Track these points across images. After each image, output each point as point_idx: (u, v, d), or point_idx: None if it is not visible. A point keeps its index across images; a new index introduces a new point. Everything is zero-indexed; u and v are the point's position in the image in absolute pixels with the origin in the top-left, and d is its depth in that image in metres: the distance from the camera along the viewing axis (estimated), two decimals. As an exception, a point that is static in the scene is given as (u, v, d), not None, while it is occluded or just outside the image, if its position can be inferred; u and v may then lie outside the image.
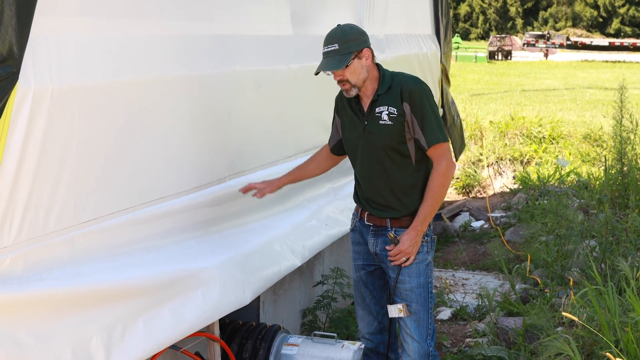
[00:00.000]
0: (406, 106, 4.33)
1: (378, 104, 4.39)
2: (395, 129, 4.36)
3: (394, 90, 4.38)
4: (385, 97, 4.39)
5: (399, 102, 4.34)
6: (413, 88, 4.35)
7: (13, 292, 3.21)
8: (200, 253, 4.47)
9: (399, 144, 4.39)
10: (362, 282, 4.72)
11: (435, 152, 4.38)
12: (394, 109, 4.35)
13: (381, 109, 4.38)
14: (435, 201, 4.42)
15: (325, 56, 4.33)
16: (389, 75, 4.45)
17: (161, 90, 4.20)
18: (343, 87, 4.37)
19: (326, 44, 4.34)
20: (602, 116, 15.61)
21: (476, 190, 12.55)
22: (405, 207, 4.47)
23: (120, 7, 3.90)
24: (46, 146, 3.34)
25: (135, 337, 3.79)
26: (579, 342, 5.17)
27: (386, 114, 4.36)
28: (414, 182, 4.45)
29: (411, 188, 4.45)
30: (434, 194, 4.40)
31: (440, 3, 9.49)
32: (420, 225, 4.41)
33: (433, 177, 4.40)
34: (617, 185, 8.86)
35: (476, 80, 29.15)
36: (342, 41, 4.31)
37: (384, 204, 4.49)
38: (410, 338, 4.53)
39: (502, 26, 77.22)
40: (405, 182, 4.44)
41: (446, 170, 4.39)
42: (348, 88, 4.35)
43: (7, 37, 3.02)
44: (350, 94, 4.37)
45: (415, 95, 4.34)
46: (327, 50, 4.33)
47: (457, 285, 7.87)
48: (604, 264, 6.75)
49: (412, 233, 4.42)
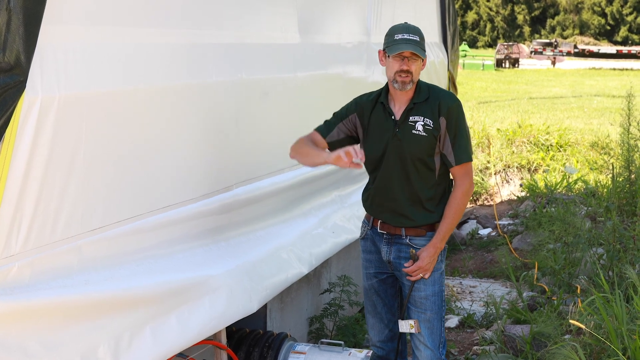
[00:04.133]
0: (443, 121, 4.34)
1: (413, 112, 4.39)
2: (428, 141, 4.36)
3: (431, 103, 4.38)
4: (421, 107, 4.39)
5: (436, 116, 4.35)
6: (452, 104, 4.38)
7: (20, 301, 3.21)
8: (208, 261, 4.48)
9: (427, 156, 4.39)
10: (373, 290, 4.71)
11: (461, 170, 4.40)
12: (430, 121, 4.35)
13: (416, 118, 4.37)
14: (455, 219, 4.44)
15: (406, 42, 4.31)
16: (425, 86, 4.47)
17: (168, 99, 4.21)
18: (403, 79, 4.31)
19: (407, 32, 4.35)
20: (610, 124, 15.58)
21: (483, 198, 12.54)
22: (421, 218, 4.46)
23: (128, 16, 3.91)
24: (53, 154, 3.35)
25: (142, 345, 3.79)
26: (586, 350, 5.16)
27: (421, 125, 4.35)
28: (433, 195, 4.45)
29: (430, 200, 4.45)
30: (455, 212, 4.42)
31: (447, 11, 9.51)
32: (439, 242, 4.42)
33: (456, 195, 4.41)
34: (625, 192, 8.84)
35: (483, 88, 29.15)
36: (422, 37, 4.38)
37: (400, 213, 4.48)
38: (423, 346, 4.52)
39: (510, 34, 77.22)
40: (425, 194, 4.44)
41: (469, 189, 4.42)
42: (408, 81, 4.32)
43: (14, 45, 3.03)
44: (406, 87, 4.33)
45: (453, 111, 4.36)
46: (409, 37, 4.32)
47: (464, 293, 7.86)
48: (611, 272, 6.74)
49: (431, 250, 4.42)
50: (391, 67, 4.34)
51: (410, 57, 4.31)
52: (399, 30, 4.37)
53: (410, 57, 4.31)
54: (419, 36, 4.36)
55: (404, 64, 4.30)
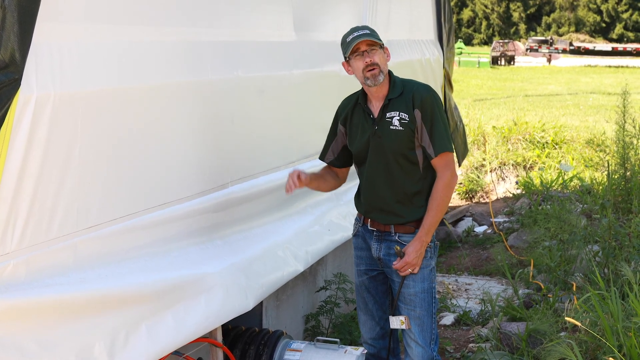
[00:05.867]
0: (417, 113, 4.35)
1: (389, 108, 4.40)
2: (406, 135, 4.37)
3: (405, 96, 4.39)
4: (396, 102, 4.40)
5: (410, 109, 4.36)
6: (425, 96, 4.38)
7: (16, 299, 3.21)
8: (203, 259, 4.47)
9: (408, 150, 4.40)
10: (364, 287, 4.72)
11: (441, 161, 4.39)
12: (405, 115, 4.36)
13: (392, 114, 4.39)
14: (439, 212, 4.43)
15: (357, 37, 4.33)
16: (400, 81, 4.47)
17: (164, 96, 4.21)
18: (372, 72, 4.33)
19: (355, 30, 4.38)
20: (605, 121, 15.60)
21: (479, 196, 12.55)
22: (409, 214, 4.47)
23: (123, 13, 3.91)
24: (49, 152, 3.35)
25: (138, 343, 3.79)
26: (582, 347, 5.17)
27: (397, 120, 4.37)
28: (419, 189, 4.46)
29: (416, 195, 4.46)
30: (438, 204, 4.41)
31: (443, 8, 9.51)
32: (425, 236, 4.42)
33: (437, 188, 4.41)
34: (620, 190, 8.86)
35: (479, 86, 29.18)
36: (371, 30, 4.40)
37: (388, 210, 4.50)
38: (414, 343, 4.53)
39: (505, 31, 77.23)
40: (411, 189, 4.44)
41: (450, 180, 4.41)
42: (377, 73, 4.34)
43: (9, 43, 3.02)
44: (378, 79, 4.34)
45: (427, 103, 4.36)
46: (359, 33, 4.35)
47: (460, 291, 7.87)
48: (607, 269, 6.74)
49: (416, 244, 4.42)
50: (357, 68, 4.38)
51: (369, 49, 4.33)
52: (347, 33, 4.41)
53: (369, 50, 4.33)
54: (368, 29, 4.39)
55: (366, 57, 4.33)
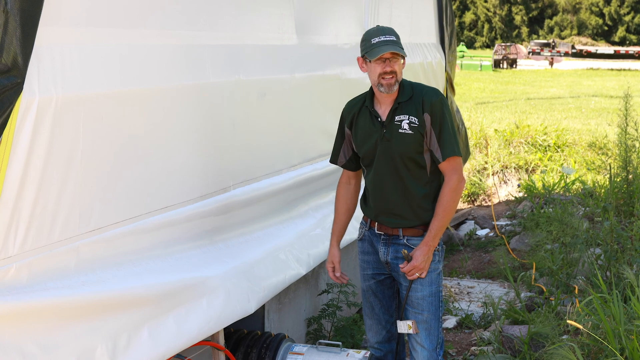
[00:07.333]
0: (427, 117, 4.34)
1: (399, 112, 4.40)
2: (415, 138, 4.36)
3: (415, 100, 4.38)
4: (405, 106, 4.39)
5: (420, 113, 4.36)
6: (435, 100, 4.37)
7: (18, 302, 3.21)
8: (205, 262, 4.48)
9: (417, 154, 4.39)
10: (371, 291, 4.71)
11: (449, 165, 4.39)
12: (415, 119, 4.36)
13: (402, 117, 4.38)
14: (446, 216, 4.42)
15: (384, 43, 4.31)
16: (409, 85, 4.47)
17: (165, 100, 4.21)
18: (388, 81, 4.32)
19: (382, 34, 4.35)
20: (607, 124, 15.61)
21: (481, 199, 12.55)
22: (417, 217, 4.47)
23: (125, 17, 3.92)
24: (51, 156, 3.35)
25: (140, 346, 3.79)
26: (584, 350, 5.17)
27: (407, 123, 4.36)
28: (427, 192, 4.45)
29: (424, 198, 4.45)
30: (445, 208, 4.41)
31: (445, 12, 9.51)
32: (432, 240, 4.42)
33: (444, 192, 4.41)
34: (622, 193, 8.85)
35: (481, 89, 29.18)
36: (397, 37, 4.38)
37: (396, 213, 4.49)
38: (420, 347, 4.52)
39: (508, 34, 77.28)
40: (419, 192, 4.44)
41: (457, 185, 4.41)
42: (393, 82, 4.33)
43: (11, 47, 3.03)
44: (392, 89, 4.34)
45: (437, 107, 4.36)
46: (386, 39, 4.31)
47: (462, 294, 7.87)
48: (609, 272, 6.74)
49: (424, 249, 4.42)
50: (374, 71, 4.35)
51: (392, 57, 4.32)
52: (374, 34, 4.38)
53: (392, 58, 4.32)
54: (394, 36, 4.37)
55: (386, 66, 4.32)
